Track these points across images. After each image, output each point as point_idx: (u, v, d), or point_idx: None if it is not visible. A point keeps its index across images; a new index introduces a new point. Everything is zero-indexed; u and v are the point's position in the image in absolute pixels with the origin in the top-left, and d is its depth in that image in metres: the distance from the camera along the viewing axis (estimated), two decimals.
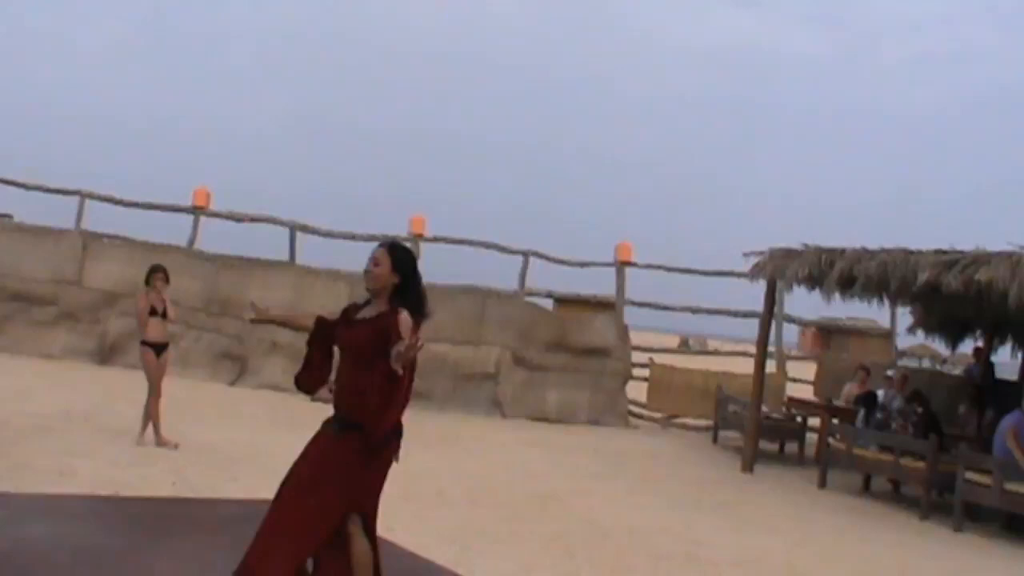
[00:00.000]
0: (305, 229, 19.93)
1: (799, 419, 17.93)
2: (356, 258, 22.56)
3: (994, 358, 19.26)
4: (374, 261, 5.52)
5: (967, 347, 20.56)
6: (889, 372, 16.57)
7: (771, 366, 18.61)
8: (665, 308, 20.97)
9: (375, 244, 5.71)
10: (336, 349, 5.63)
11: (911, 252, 13.64)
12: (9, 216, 21.79)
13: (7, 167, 20.60)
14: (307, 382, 5.81)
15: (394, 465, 5.68)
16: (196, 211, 20.06)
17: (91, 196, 19.98)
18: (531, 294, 20.44)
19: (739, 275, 17.36)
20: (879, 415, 14.83)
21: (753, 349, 16.97)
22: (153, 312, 11.76)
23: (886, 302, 17.26)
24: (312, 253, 19.95)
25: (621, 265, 20.51)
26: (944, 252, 13.22)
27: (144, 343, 11.84)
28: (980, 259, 12.62)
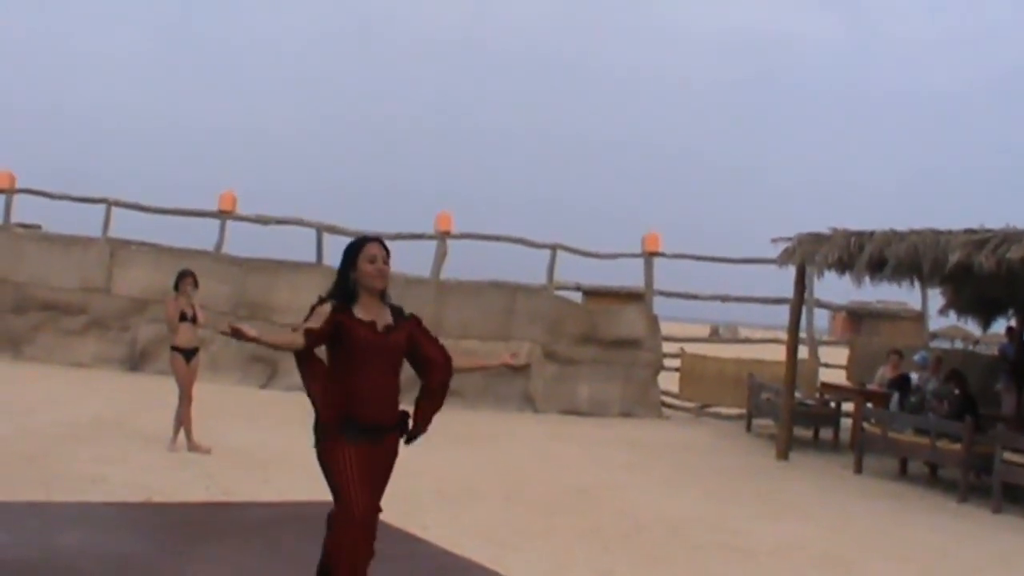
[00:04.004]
0: (332, 230, 19.90)
1: (833, 405, 17.81)
2: None
3: None
4: (385, 260, 5.38)
5: (999, 327, 20.40)
6: (916, 357, 16.43)
7: (803, 352, 18.48)
8: (694, 297, 20.87)
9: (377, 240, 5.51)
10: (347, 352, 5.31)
11: (941, 233, 13.50)
12: (38, 226, 21.91)
13: (34, 177, 20.67)
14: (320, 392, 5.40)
15: (426, 463, 5.66)
16: (222, 215, 20.09)
17: (117, 204, 20.05)
18: (559, 288, 20.37)
19: (768, 261, 17.22)
20: (913, 398, 14.71)
21: (784, 336, 16.87)
22: (183, 317, 11.76)
23: (916, 284, 17.12)
24: (340, 254, 19.91)
25: (649, 256, 20.41)
26: (974, 232, 13.08)
27: (174, 348, 11.84)
28: (1010, 237, 12.48)
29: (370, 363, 5.25)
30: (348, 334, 5.20)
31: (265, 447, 12.11)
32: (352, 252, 5.40)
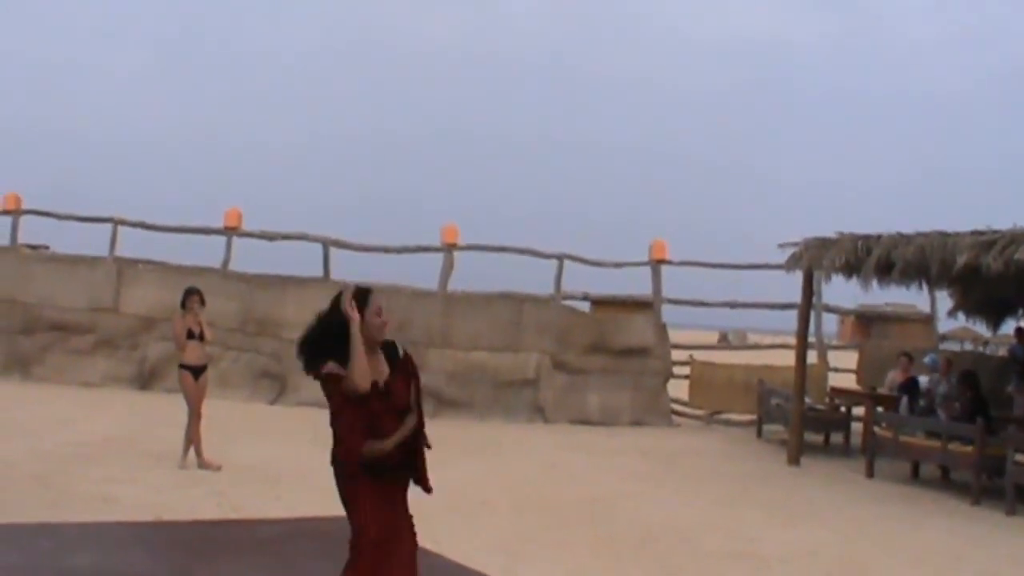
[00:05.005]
0: (338, 244, 19.90)
1: (843, 409, 17.77)
2: (390, 271, 22.53)
3: None
4: (383, 311, 5.40)
5: (1009, 327, 20.35)
6: (926, 360, 16.38)
7: (812, 357, 18.45)
8: (703, 304, 20.84)
9: (363, 286, 5.50)
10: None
11: (948, 235, 13.48)
12: (45, 247, 21.94)
13: (40, 198, 20.73)
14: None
15: (437, 476, 5.64)
16: (228, 232, 20.09)
17: (123, 223, 20.07)
18: (567, 297, 20.34)
19: (776, 267, 17.23)
20: (922, 401, 14.66)
21: (793, 341, 16.84)
22: (190, 335, 11.77)
23: (924, 287, 17.08)
24: (346, 268, 19.91)
25: (656, 263, 20.39)
26: (981, 233, 13.06)
27: (183, 366, 11.85)
28: (1018, 238, 12.45)
29: (385, 420, 5.29)
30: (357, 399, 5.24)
31: (275, 463, 12.11)
32: (358, 303, 5.39)
